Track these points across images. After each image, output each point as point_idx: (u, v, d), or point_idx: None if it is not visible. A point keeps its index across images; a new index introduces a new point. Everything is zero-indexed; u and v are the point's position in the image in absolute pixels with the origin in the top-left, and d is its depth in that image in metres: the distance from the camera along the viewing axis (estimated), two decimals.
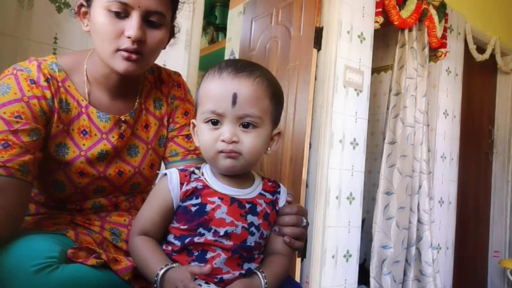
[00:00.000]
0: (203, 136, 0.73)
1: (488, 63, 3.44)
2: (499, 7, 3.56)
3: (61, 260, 0.68)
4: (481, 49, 3.30)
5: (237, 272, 0.70)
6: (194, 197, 0.72)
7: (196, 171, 0.75)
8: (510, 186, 3.58)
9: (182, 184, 0.73)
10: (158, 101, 0.99)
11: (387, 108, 2.61)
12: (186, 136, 1.00)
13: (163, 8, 0.84)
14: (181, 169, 0.75)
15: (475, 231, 3.49)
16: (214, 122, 0.71)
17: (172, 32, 0.94)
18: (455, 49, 3.08)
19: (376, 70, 3.33)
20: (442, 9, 2.78)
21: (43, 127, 0.82)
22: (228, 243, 0.70)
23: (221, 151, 0.71)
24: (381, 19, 2.44)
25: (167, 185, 0.73)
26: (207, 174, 0.75)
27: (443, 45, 2.81)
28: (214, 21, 3.89)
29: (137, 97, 0.95)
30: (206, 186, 0.73)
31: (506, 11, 3.62)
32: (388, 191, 2.50)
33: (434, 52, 2.83)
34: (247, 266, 0.72)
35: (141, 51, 0.82)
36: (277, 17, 2.62)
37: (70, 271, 0.67)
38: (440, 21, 2.76)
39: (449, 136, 3.04)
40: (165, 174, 0.75)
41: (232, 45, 3.20)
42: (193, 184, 0.73)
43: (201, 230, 0.70)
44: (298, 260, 2.22)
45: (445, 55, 2.84)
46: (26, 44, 1.39)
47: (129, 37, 0.80)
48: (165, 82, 1.01)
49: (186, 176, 0.74)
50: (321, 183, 2.22)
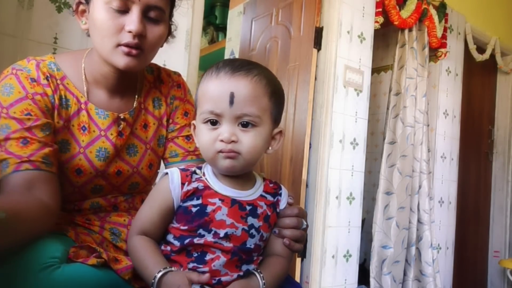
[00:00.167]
0: (202, 136, 0.73)
1: (488, 63, 3.44)
2: (499, 7, 3.56)
3: (62, 260, 0.68)
4: (481, 49, 3.30)
5: (235, 273, 0.70)
6: (195, 198, 0.72)
7: (197, 171, 0.75)
8: (510, 186, 3.58)
9: (183, 184, 0.72)
10: (157, 101, 0.99)
11: (387, 108, 2.61)
12: (186, 137, 1.00)
13: (163, 3, 0.85)
14: (182, 169, 0.75)
15: (475, 231, 3.49)
16: (212, 122, 0.71)
17: (169, 29, 0.94)
18: (455, 49, 3.08)
19: (376, 70, 3.33)
20: (442, 9, 2.78)
21: (52, 120, 0.83)
22: (228, 245, 0.70)
23: (220, 151, 0.70)
24: (381, 19, 2.44)
25: (168, 184, 0.72)
26: (208, 174, 0.75)
27: (443, 45, 2.81)
28: (214, 21, 3.89)
29: (136, 96, 0.95)
30: (207, 187, 0.73)
31: (506, 11, 3.62)
32: (388, 191, 2.50)
33: (434, 52, 2.83)
34: (245, 267, 0.71)
35: (141, 46, 0.82)
36: (277, 17, 2.61)
37: (71, 271, 0.67)
38: (440, 21, 2.76)
39: (449, 136, 3.04)
40: (166, 174, 0.74)
41: (232, 45, 3.20)
42: (194, 184, 0.73)
43: (201, 231, 0.70)
44: (298, 260, 2.22)
45: (445, 55, 2.84)
46: (26, 44, 1.39)
47: (130, 32, 0.80)
48: (165, 82, 1.01)
49: (188, 176, 0.73)
50: (321, 183, 2.22)
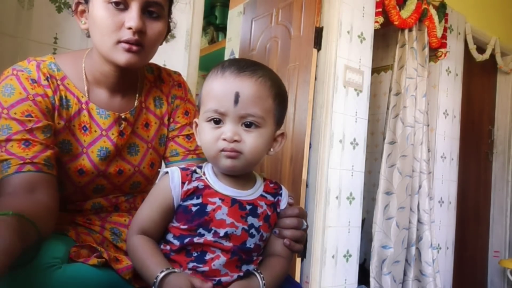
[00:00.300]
0: (205, 135, 0.73)
1: (488, 63, 3.44)
2: (499, 7, 3.56)
3: (64, 260, 0.68)
4: (481, 49, 3.30)
5: (235, 274, 0.70)
6: (195, 197, 0.71)
7: (198, 170, 0.75)
8: (510, 186, 3.58)
9: (183, 183, 0.72)
10: (159, 100, 0.99)
11: (387, 108, 2.61)
12: (187, 136, 1.00)
13: None
14: (182, 168, 0.75)
15: (475, 231, 3.49)
16: (216, 121, 0.71)
17: (168, 27, 0.94)
18: (455, 49, 3.08)
19: (376, 70, 3.33)
20: (442, 9, 2.78)
21: (52, 122, 0.83)
22: (228, 244, 0.70)
23: (223, 150, 0.70)
24: (381, 19, 2.44)
25: (169, 183, 0.72)
26: (208, 173, 0.75)
27: (443, 45, 2.81)
28: (214, 21, 3.89)
29: (137, 95, 0.96)
30: (207, 186, 0.73)
31: (506, 11, 3.62)
32: (388, 191, 2.50)
33: (434, 52, 2.83)
34: (245, 268, 0.71)
35: (141, 42, 0.82)
36: (277, 17, 2.61)
37: (72, 271, 0.67)
38: (440, 21, 2.76)
39: (449, 136, 3.04)
40: (167, 173, 0.74)
41: (232, 45, 3.20)
42: (195, 183, 0.73)
43: (201, 231, 0.70)
44: (298, 260, 2.22)
45: (445, 55, 2.84)
46: (26, 44, 1.39)
47: (130, 28, 0.80)
48: (165, 82, 1.01)
49: (188, 175, 0.73)
50: (321, 183, 2.22)
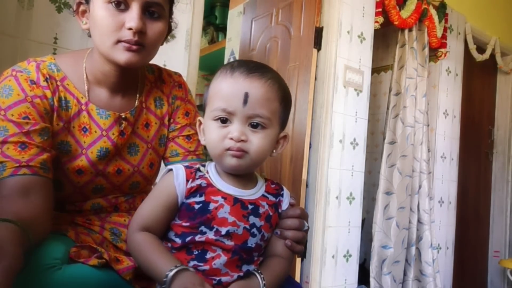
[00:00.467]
0: (211, 133, 0.73)
1: (488, 63, 3.44)
2: (499, 7, 3.56)
3: (63, 260, 0.68)
4: (481, 49, 3.29)
5: (236, 274, 0.70)
6: (198, 195, 0.72)
7: (201, 168, 0.75)
8: (510, 186, 3.58)
9: (187, 180, 0.73)
10: (159, 100, 0.99)
11: (387, 108, 2.61)
12: (187, 136, 1.01)
13: None
14: (186, 166, 0.75)
15: (475, 231, 3.49)
16: (223, 120, 0.72)
17: (169, 27, 0.94)
18: (455, 49, 3.08)
19: (376, 70, 3.33)
20: (442, 9, 2.78)
21: (50, 124, 0.83)
22: (229, 243, 0.70)
23: (229, 149, 0.71)
24: (381, 19, 2.43)
25: (173, 181, 0.72)
26: (211, 172, 0.75)
27: (443, 45, 2.80)
28: (214, 21, 3.88)
29: (137, 95, 0.96)
30: (210, 184, 0.73)
31: (506, 11, 3.61)
32: (388, 191, 2.50)
33: (434, 52, 2.83)
34: (245, 268, 0.71)
35: (142, 42, 0.83)
36: (277, 17, 2.61)
37: (72, 272, 0.67)
38: (440, 21, 2.75)
39: (449, 136, 3.04)
40: (170, 170, 0.74)
41: (232, 45, 3.20)
42: (198, 181, 0.73)
43: (203, 228, 0.70)
44: (298, 260, 2.22)
45: (445, 55, 2.84)
46: (26, 44, 1.39)
47: (130, 29, 0.80)
48: (166, 82, 1.01)
49: (192, 173, 0.74)
50: (321, 183, 2.22)
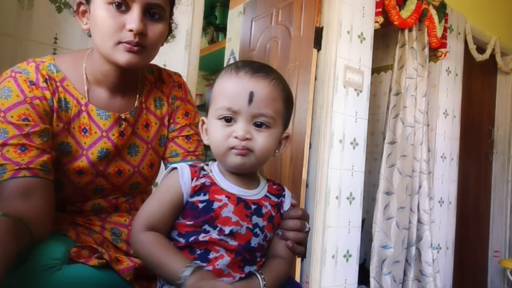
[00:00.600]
0: (215, 132, 0.73)
1: (488, 63, 3.44)
2: (499, 7, 3.56)
3: (63, 261, 0.68)
4: (481, 49, 3.29)
5: (238, 275, 0.70)
6: (202, 194, 0.72)
7: (205, 167, 0.76)
8: (510, 186, 3.58)
9: (192, 179, 0.73)
10: (159, 100, 0.99)
11: (387, 108, 2.61)
12: (186, 137, 1.01)
13: (163, 1, 0.85)
14: (191, 165, 0.75)
15: (475, 231, 3.49)
16: (227, 119, 0.72)
17: (170, 28, 0.94)
18: (455, 49, 3.08)
19: (376, 70, 3.33)
20: (442, 9, 2.78)
21: (50, 125, 0.83)
22: (233, 243, 0.70)
23: (233, 148, 0.71)
24: (381, 19, 2.43)
25: (179, 179, 0.72)
26: (215, 171, 0.76)
27: (443, 45, 2.80)
28: (214, 21, 3.88)
29: (137, 96, 0.96)
30: (214, 183, 0.73)
31: (506, 11, 3.62)
32: (388, 191, 2.50)
33: (434, 52, 2.83)
34: (248, 269, 0.71)
35: (142, 44, 0.83)
36: (277, 17, 2.61)
37: (72, 272, 0.67)
38: (440, 21, 2.75)
39: (449, 136, 3.04)
40: (175, 169, 0.74)
41: (232, 45, 3.20)
42: (202, 180, 0.73)
43: (207, 227, 0.70)
44: (298, 260, 2.22)
45: (445, 55, 2.84)
46: (26, 44, 1.39)
47: (130, 30, 0.80)
48: (166, 82, 1.01)
49: (196, 171, 0.74)
50: (321, 183, 2.22)
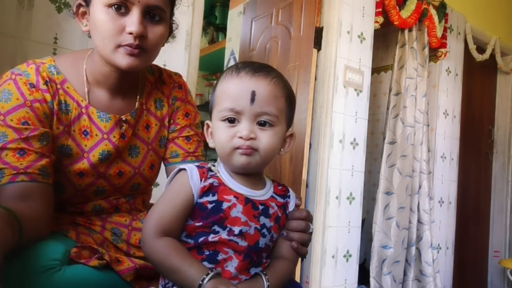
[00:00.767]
0: (219, 133, 0.73)
1: (488, 63, 3.43)
2: (499, 7, 3.56)
3: (63, 261, 0.68)
4: (481, 49, 3.29)
5: (244, 276, 0.70)
6: (211, 194, 0.72)
7: (212, 168, 0.76)
8: (510, 186, 3.58)
9: (200, 180, 0.73)
10: (159, 101, 0.99)
11: (387, 108, 2.61)
12: (186, 137, 1.00)
13: (163, 3, 0.85)
14: (198, 166, 0.75)
15: (475, 231, 3.49)
16: (231, 120, 0.72)
17: (171, 28, 0.94)
18: (455, 49, 3.08)
19: (376, 70, 3.33)
20: (442, 9, 2.78)
21: (50, 129, 0.82)
22: (243, 243, 0.70)
23: (238, 148, 0.71)
24: (381, 19, 2.43)
25: (188, 181, 0.72)
26: (222, 172, 0.76)
27: (443, 45, 2.80)
28: (214, 21, 3.88)
29: (138, 97, 0.95)
30: (222, 184, 0.73)
31: (506, 11, 3.61)
32: (388, 191, 2.50)
33: (434, 52, 2.83)
34: (254, 271, 0.72)
35: (142, 46, 0.82)
36: (277, 17, 2.61)
37: (72, 273, 0.67)
38: (440, 21, 2.75)
39: (449, 136, 3.04)
40: (183, 170, 0.74)
41: (232, 45, 3.20)
42: (210, 180, 0.73)
43: (216, 228, 0.70)
44: (299, 260, 2.22)
45: (445, 55, 2.84)
46: (26, 44, 1.38)
47: (130, 33, 0.80)
48: (166, 83, 1.01)
49: (204, 172, 0.74)
50: (321, 183, 2.22)
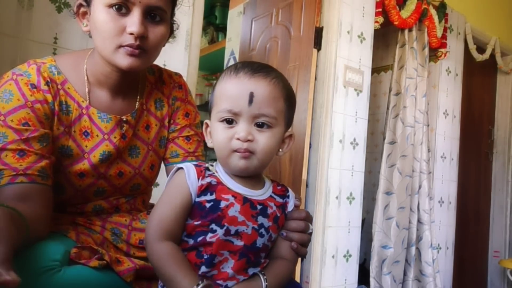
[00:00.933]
0: (217, 134, 0.73)
1: (488, 63, 3.43)
2: (499, 7, 3.56)
3: (63, 262, 0.68)
4: (481, 49, 3.29)
5: (242, 277, 0.70)
6: (209, 193, 0.72)
7: (210, 167, 0.75)
8: (510, 186, 3.58)
9: (198, 179, 0.72)
10: (159, 102, 0.99)
11: (387, 108, 2.60)
12: (186, 137, 1.00)
13: (164, 3, 0.84)
14: (195, 164, 0.75)
15: (475, 231, 3.49)
16: (229, 121, 0.72)
17: (171, 28, 0.94)
18: (455, 49, 3.08)
19: (376, 70, 3.33)
20: (442, 9, 2.78)
21: (50, 130, 0.82)
22: (238, 243, 0.70)
23: (236, 150, 0.71)
24: (381, 19, 2.43)
25: (186, 180, 0.72)
26: (220, 171, 0.75)
27: (443, 45, 2.80)
28: (214, 21, 3.88)
29: (138, 97, 0.95)
30: (220, 183, 0.73)
31: (506, 11, 3.61)
32: (388, 191, 2.50)
33: (434, 52, 2.83)
34: (252, 271, 0.71)
35: (143, 47, 0.82)
36: (277, 17, 2.61)
37: (72, 274, 0.67)
38: (440, 21, 2.75)
39: (449, 136, 3.04)
40: (180, 169, 0.74)
41: (232, 45, 3.20)
42: (208, 179, 0.73)
43: (214, 226, 0.70)
44: (298, 260, 2.22)
45: (445, 55, 2.84)
46: (26, 44, 1.38)
47: (131, 34, 0.80)
48: (166, 83, 1.01)
49: (202, 171, 0.73)
50: (321, 183, 2.22)
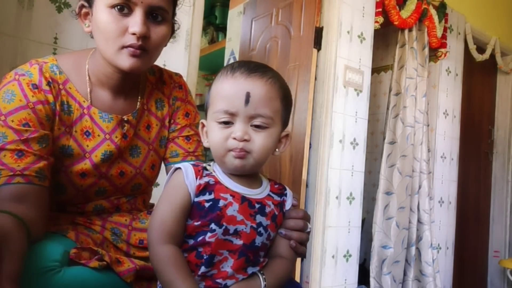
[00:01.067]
0: (213, 134, 0.73)
1: (488, 63, 3.44)
2: (499, 7, 3.56)
3: (63, 262, 0.68)
4: (481, 49, 3.29)
5: (241, 276, 0.70)
6: (207, 193, 0.71)
7: (208, 167, 0.76)
8: (510, 186, 3.58)
9: (196, 178, 0.72)
10: (160, 102, 1.00)
11: (387, 108, 2.61)
12: (186, 137, 1.01)
13: (165, 3, 0.85)
14: (193, 164, 0.75)
15: (475, 231, 3.49)
16: (225, 121, 0.72)
17: (173, 28, 0.94)
18: (455, 49, 3.08)
19: (376, 70, 3.33)
20: (442, 9, 2.78)
21: (50, 131, 0.82)
22: (238, 242, 0.70)
23: (232, 150, 0.71)
24: (381, 19, 2.43)
25: (184, 180, 0.71)
26: (218, 171, 0.75)
27: (443, 45, 2.80)
28: (214, 21, 3.88)
29: (139, 97, 0.96)
30: (218, 182, 0.73)
31: (506, 11, 3.61)
32: (388, 191, 2.50)
33: (434, 52, 2.83)
34: (251, 270, 0.71)
35: (145, 47, 0.82)
36: (277, 17, 2.61)
37: (72, 274, 0.67)
38: (440, 21, 2.75)
39: (449, 136, 3.04)
40: (178, 169, 0.74)
41: (232, 45, 3.20)
42: (206, 179, 0.73)
43: (213, 226, 0.70)
44: (298, 260, 2.22)
45: (445, 55, 2.84)
46: (26, 44, 1.38)
47: (133, 34, 0.80)
48: (167, 83, 1.01)
49: (200, 171, 0.74)
50: (321, 183, 2.22)
